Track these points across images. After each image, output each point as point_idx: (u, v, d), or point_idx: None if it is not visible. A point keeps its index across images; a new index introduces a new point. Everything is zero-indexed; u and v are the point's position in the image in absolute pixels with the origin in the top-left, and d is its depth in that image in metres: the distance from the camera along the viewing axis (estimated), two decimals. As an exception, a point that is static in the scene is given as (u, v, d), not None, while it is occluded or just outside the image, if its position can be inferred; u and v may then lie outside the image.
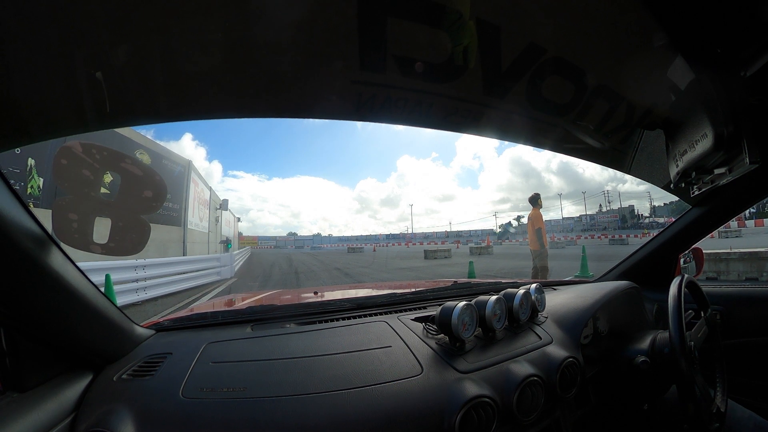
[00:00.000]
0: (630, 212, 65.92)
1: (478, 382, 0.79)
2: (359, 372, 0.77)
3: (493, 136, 1.11)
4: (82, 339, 0.70)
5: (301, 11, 0.65)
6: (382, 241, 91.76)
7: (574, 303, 1.21)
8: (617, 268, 1.72)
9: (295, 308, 1.10)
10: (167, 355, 0.80)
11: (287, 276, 12.26)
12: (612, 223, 64.64)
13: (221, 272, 10.91)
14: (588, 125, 1.09)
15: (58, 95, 0.60)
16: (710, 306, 1.19)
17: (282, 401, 0.68)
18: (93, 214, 0.62)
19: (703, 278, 2.07)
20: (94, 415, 0.64)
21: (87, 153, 0.60)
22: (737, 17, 0.70)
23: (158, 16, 0.58)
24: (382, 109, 0.90)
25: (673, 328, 0.89)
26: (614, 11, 0.76)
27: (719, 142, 0.80)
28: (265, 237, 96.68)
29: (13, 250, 0.52)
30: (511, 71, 0.87)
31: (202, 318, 1.04)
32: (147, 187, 0.65)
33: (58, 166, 0.59)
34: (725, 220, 1.43)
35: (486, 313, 0.91)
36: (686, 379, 0.86)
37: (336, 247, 73.72)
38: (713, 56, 0.79)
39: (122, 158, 0.63)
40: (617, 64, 0.89)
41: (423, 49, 0.78)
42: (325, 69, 0.77)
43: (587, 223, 71.62)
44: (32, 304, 0.59)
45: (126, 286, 6.35)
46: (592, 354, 1.12)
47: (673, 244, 1.53)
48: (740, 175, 0.87)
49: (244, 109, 0.81)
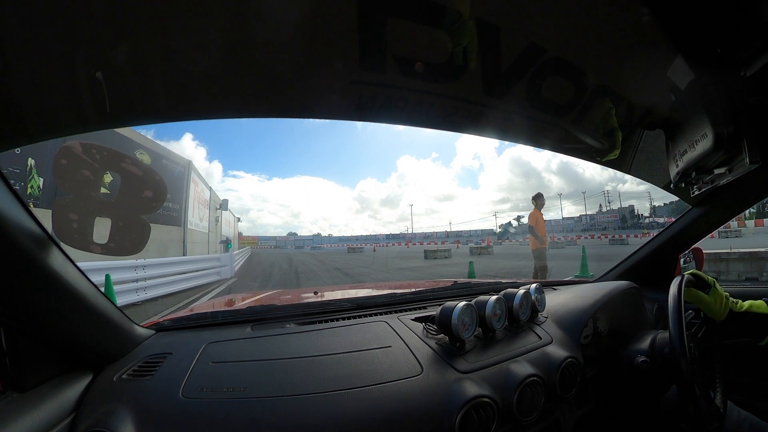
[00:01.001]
0: (630, 212, 65.94)
1: (478, 382, 0.79)
2: (359, 372, 0.77)
3: (493, 136, 1.11)
4: (82, 339, 0.70)
5: (301, 11, 0.65)
6: (382, 241, 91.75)
7: (574, 303, 1.21)
8: (617, 268, 1.72)
9: (295, 308, 1.10)
10: (167, 355, 0.80)
11: (287, 276, 12.27)
12: (612, 223, 64.70)
13: (221, 272, 10.92)
14: (589, 125, 1.09)
15: (58, 95, 0.60)
16: None
17: (282, 401, 0.68)
18: (93, 214, 0.62)
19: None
20: (94, 415, 0.64)
21: (87, 153, 0.60)
22: (737, 17, 0.70)
23: (158, 16, 0.58)
24: (382, 109, 0.90)
25: (673, 328, 0.89)
26: (614, 11, 0.76)
27: (719, 142, 0.80)
28: (265, 237, 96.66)
29: (13, 250, 0.52)
30: (511, 71, 0.87)
31: (202, 318, 1.04)
32: (147, 187, 0.65)
33: (58, 166, 0.59)
34: (725, 220, 1.43)
35: (486, 313, 0.91)
36: (686, 379, 0.86)
37: (336, 247, 73.48)
38: (713, 56, 0.79)
39: (122, 158, 0.63)
40: (617, 64, 0.89)
41: (423, 49, 0.78)
42: (325, 69, 0.77)
43: (587, 223, 71.72)
44: (32, 304, 0.59)
45: (126, 286, 6.35)
46: (592, 354, 1.12)
47: (673, 244, 1.53)
48: (740, 175, 0.87)
49: (244, 109, 0.81)
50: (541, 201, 6.06)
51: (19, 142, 0.66)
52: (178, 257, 11.11)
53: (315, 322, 0.99)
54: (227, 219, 26.84)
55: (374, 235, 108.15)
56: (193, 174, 15.89)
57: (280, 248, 78.06)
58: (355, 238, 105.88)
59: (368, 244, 70.82)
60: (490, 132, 1.08)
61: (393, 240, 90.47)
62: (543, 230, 6.04)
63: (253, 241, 79.49)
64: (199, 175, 17.54)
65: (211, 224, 19.52)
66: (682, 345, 0.87)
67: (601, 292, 1.26)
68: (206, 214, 18.31)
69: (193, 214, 15.48)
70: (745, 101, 0.78)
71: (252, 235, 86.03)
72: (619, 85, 0.97)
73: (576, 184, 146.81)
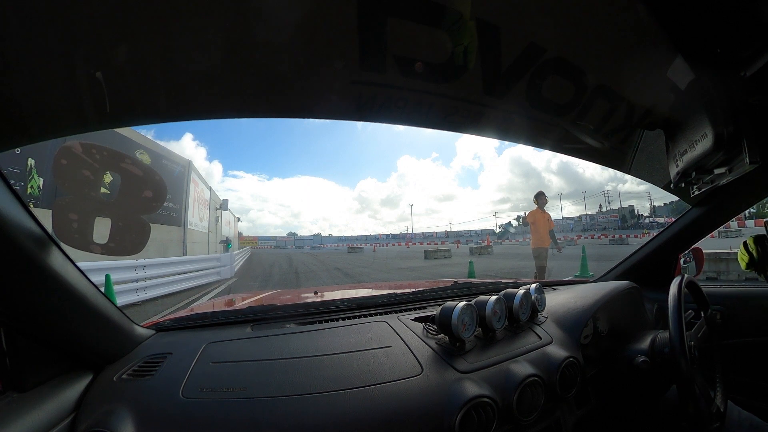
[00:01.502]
0: (630, 212, 65.72)
1: (478, 382, 0.79)
2: (359, 372, 0.77)
3: (493, 136, 1.11)
4: (82, 339, 0.70)
5: (301, 11, 0.65)
6: (382, 241, 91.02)
7: (574, 303, 1.21)
8: (617, 268, 1.73)
9: (295, 308, 1.10)
10: (167, 355, 0.80)
11: (287, 275, 12.29)
12: (612, 223, 64.45)
13: (221, 272, 10.91)
14: (588, 125, 1.09)
15: (58, 95, 0.60)
16: (710, 306, 1.19)
17: (282, 401, 0.68)
18: (93, 214, 0.62)
19: (703, 278, 2.06)
20: (94, 415, 0.64)
21: (87, 153, 0.60)
22: (737, 17, 0.70)
23: (158, 16, 0.58)
24: (382, 109, 0.90)
25: (673, 328, 0.89)
26: (614, 11, 0.76)
27: (719, 142, 0.80)
28: (265, 237, 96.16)
29: (13, 250, 0.52)
30: (511, 71, 0.87)
31: (202, 318, 1.04)
32: (147, 187, 0.65)
33: (58, 166, 0.59)
34: (725, 220, 1.43)
35: (486, 313, 0.91)
36: (686, 379, 0.86)
37: (336, 247, 72.90)
38: (713, 56, 0.79)
39: (122, 158, 0.63)
40: (617, 64, 0.89)
41: (423, 49, 0.78)
42: (325, 69, 0.77)
43: (587, 223, 71.45)
44: (32, 304, 0.59)
45: (126, 286, 6.35)
46: (592, 354, 1.12)
47: (673, 244, 1.53)
48: (740, 175, 0.87)
49: (244, 109, 0.81)
50: (543, 200, 5.98)
51: (19, 142, 0.66)
52: (178, 257, 11.10)
53: (315, 322, 0.99)
54: (227, 219, 26.81)
55: (374, 235, 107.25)
56: (193, 174, 15.88)
57: (280, 248, 76.53)
58: (354, 238, 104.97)
59: (368, 244, 70.32)
60: (489, 132, 1.08)
61: (393, 240, 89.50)
62: (544, 230, 5.97)
63: (253, 241, 79.34)
64: (199, 175, 17.54)
65: (211, 224, 19.51)
66: (682, 345, 0.87)
67: (601, 292, 1.26)
68: (206, 214, 18.31)
69: (193, 214, 15.48)
70: (745, 101, 0.78)
71: (252, 234, 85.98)
72: (619, 85, 0.97)
73: (576, 184, 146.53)
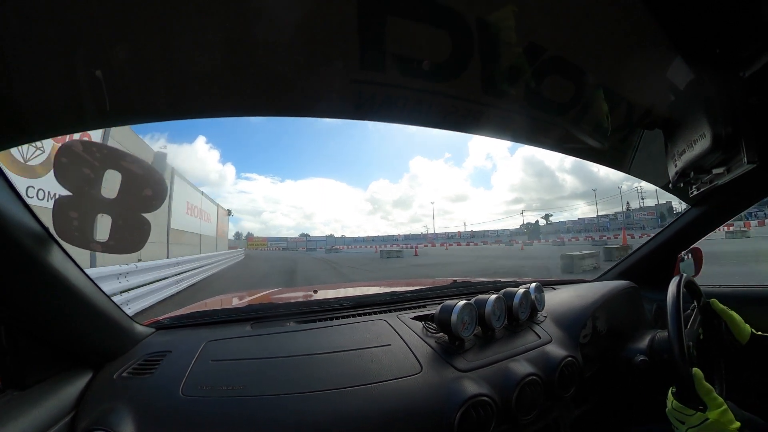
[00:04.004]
0: (668, 209, 62.56)
1: (478, 380, 0.79)
2: (359, 370, 0.77)
3: (493, 135, 1.11)
4: (82, 337, 0.71)
5: (301, 11, 0.65)
6: (400, 241, 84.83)
7: (573, 302, 1.21)
8: (616, 267, 1.73)
9: (294, 306, 1.10)
10: (167, 353, 0.81)
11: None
12: (650, 221, 61.43)
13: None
14: (587, 125, 1.09)
15: (58, 94, 0.60)
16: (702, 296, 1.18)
17: (281, 399, 0.69)
18: (93, 213, 0.62)
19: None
20: (94, 413, 0.64)
21: (87, 151, 0.60)
22: (736, 17, 0.70)
23: (158, 15, 0.58)
24: (382, 108, 0.90)
25: (672, 327, 0.90)
26: (614, 11, 0.76)
27: (717, 141, 0.80)
28: (276, 238, 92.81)
29: (14, 249, 0.52)
30: (511, 71, 0.87)
31: (201, 316, 1.04)
32: (147, 186, 0.65)
33: (59, 165, 0.59)
34: (724, 219, 1.43)
35: (485, 312, 0.91)
36: (684, 379, 0.86)
37: (355, 249, 57.64)
38: (712, 56, 0.79)
39: (123, 156, 0.63)
40: (617, 64, 0.89)
41: (423, 48, 0.78)
42: (325, 68, 0.77)
43: (623, 221, 66.52)
44: (32, 302, 0.59)
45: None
46: (591, 353, 1.12)
47: (673, 244, 1.53)
48: (738, 175, 0.87)
49: (244, 108, 0.81)
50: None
51: (19, 141, 0.66)
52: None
53: (314, 321, 0.99)
54: (205, 210, 17.58)
55: (392, 236, 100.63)
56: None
57: (290, 250, 61.39)
58: (371, 239, 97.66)
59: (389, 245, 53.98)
60: (489, 131, 1.08)
61: (412, 241, 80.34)
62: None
63: (262, 242, 78.94)
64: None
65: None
66: (680, 344, 0.88)
67: (600, 292, 1.27)
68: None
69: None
70: (743, 101, 0.78)
71: (263, 236, 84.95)
72: (618, 85, 0.97)
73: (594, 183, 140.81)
